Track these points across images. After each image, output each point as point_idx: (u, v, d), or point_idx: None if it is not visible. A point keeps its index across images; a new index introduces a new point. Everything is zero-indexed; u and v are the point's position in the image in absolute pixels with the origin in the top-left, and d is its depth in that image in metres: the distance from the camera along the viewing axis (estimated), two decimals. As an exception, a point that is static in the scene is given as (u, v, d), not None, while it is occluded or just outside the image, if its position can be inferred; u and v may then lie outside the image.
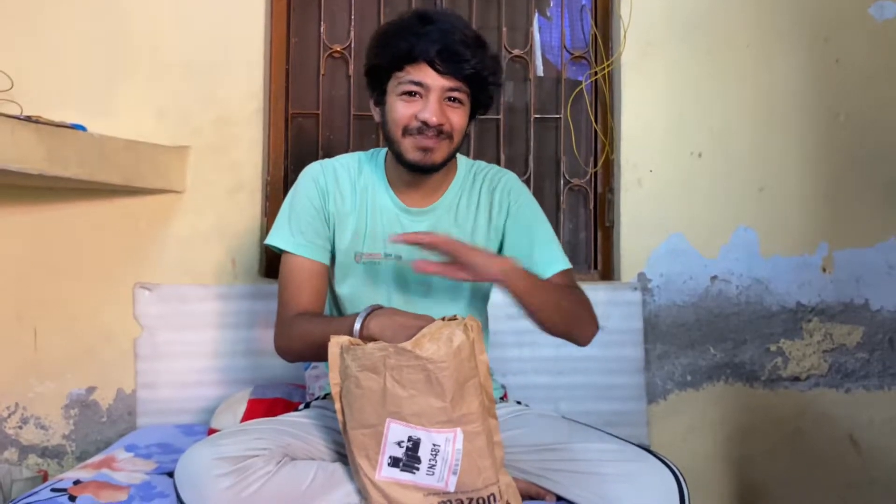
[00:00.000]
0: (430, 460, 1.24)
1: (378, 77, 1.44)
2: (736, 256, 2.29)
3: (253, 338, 2.15)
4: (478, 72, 1.39)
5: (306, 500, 1.27)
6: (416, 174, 1.47)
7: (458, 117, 1.41)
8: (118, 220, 2.19)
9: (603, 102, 2.37)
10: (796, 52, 2.32)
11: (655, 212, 2.28)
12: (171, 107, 2.20)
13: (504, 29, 2.38)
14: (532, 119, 2.38)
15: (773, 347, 2.30)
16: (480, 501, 1.26)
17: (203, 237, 2.20)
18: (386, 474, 1.25)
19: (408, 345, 1.21)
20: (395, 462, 1.25)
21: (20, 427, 2.19)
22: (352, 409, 1.26)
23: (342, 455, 1.43)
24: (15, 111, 2.00)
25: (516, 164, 2.38)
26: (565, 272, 1.55)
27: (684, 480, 1.32)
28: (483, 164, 1.65)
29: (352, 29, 2.36)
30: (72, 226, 2.19)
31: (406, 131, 1.41)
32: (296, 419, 1.46)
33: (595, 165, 2.38)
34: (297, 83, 2.37)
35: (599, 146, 2.38)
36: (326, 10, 2.36)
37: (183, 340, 2.15)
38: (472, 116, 1.48)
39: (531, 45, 2.40)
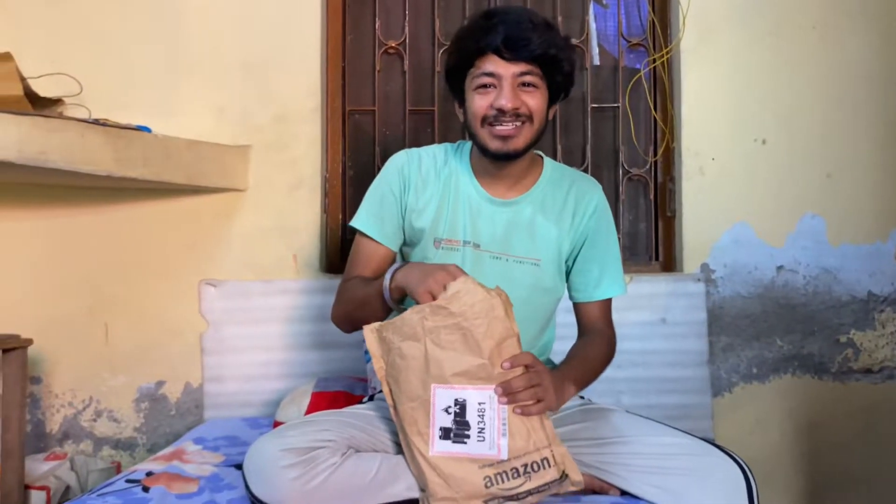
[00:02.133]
0: (478, 423, 1.24)
1: (456, 79, 1.49)
2: (803, 245, 2.23)
3: (315, 331, 2.18)
4: (545, 51, 1.39)
5: (371, 492, 1.29)
6: (500, 164, 1.49)
7: (534, 100, 1.42)
8: (183, 218, 2.25)
9: (662, 90, 2.33)
10: (865, 32, 2.24)
11: (718, 201, 2.23)
12: (231, 106, 2.25)
13: (559, 18, 2.35)
14: (589, 109, 2.35)
15: (842, 339, 2.23)
16: (535, 466, 1.25)
17: (265, 234, 2.24)
18: (439, 449, 1.25)
19: (442, 301, 1.24)
20: (446, 434, 1.25)
21: (94, 420, 2.27)
22: (399, 384, 1.29)
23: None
24: (84, 115, 2.08)
25: (573, 155, 2.36)
26: (609, 300, 1.61)
27: (752, 474, 1.30)
28: (568, 167, 1.65)
29: (406, 25, 2.36)
30: (139, 224, 2.26)
31: (484, 121, 1.43)
32: (360, 411, 1.48)
33: (655, 154, 2.34)
34: (354, 80, 2.39)
35: (659, 135, 2.34)
36: (381, 6, 2.37)
37: (247, 335, 2.19)
38: (553, 100, 1.48)
39: (587, 34, 2.37)
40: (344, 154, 2.37)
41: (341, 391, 1.96)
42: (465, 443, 1.25)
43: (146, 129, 2.02)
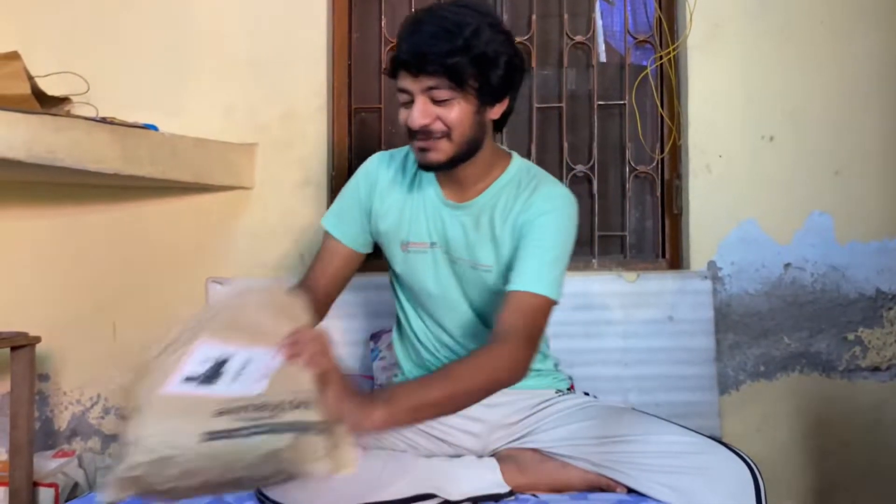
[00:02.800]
0: (237, 374, 1.00)
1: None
2: (811, 243, 2.22)
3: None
4: (447, 63, 1.30)
5: (377, 489, 1.29)
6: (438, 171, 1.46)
7: (452, 113, 1.35)
8: (190, 216, 2.26)
9: (669, 87, 2.32)
10: (875, 28, 2.22)
11: (726, 198, 2.22)
12: (238, 104, 2.25)
13: (565, 15, 2.35)
14: (595, 106, 2.35)
15: (850, 336, 2.22)
16: (291, 405, 0.97)
17: (272, 232, 2.24)
18: (172, 389, 0.98)
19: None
20: (189, 379, 0.99)
21: (102, 417, 2.28)
22: (165, 345, 1.07)
23: (411, 445, 1.44)
24: (91, 113, 2.08)
25: (580, 153, 2.35)
26: (527, 297, 1.36)
27: (759, 472, 1.29)
28: (540, 170, 1.54)
29: (413, 21, 2.36)
30: (146, 223, 2.27)
31: (409, 135, 1.41)
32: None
33: (662, 152, 2.34)
34: (360, 78, 2.39)
35: (666, 132, 2.33)
36: (387, 4, 2.37)
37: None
38: (489, 101, 1.39)
39: (593, 31, 2.36)
40: (350, 152, 2.37)
41: (348, 389, 1.96)
42: (212, 385, 0.98)
43: (153, 128, 2.02)
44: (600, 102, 2.35)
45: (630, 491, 1.38)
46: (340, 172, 2.33)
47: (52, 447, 2.27)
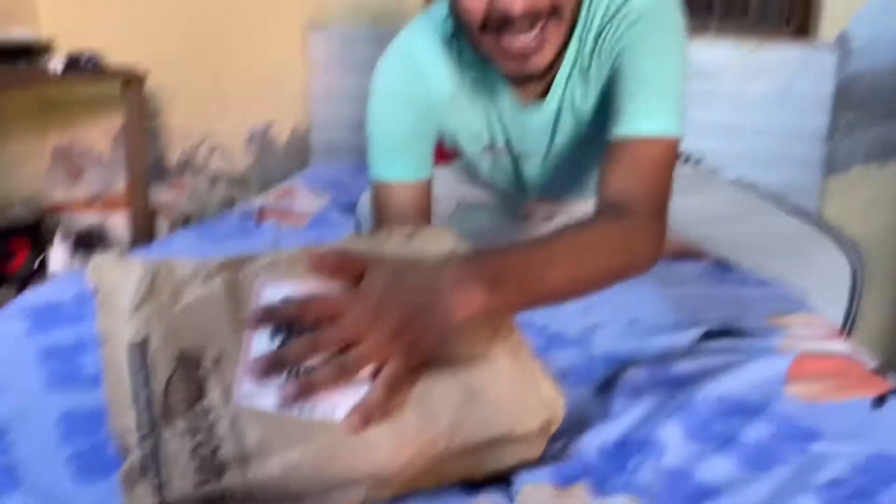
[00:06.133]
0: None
1: None
2: (962, 15, 1.98)
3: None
4: None
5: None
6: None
7: None
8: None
9: None
10: None
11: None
12: None
13: None
14: None
15: (981, 121, 2.05)
16: None
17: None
18: (245, 399, 0.61)
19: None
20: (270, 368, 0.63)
21: (209, 157, 2.39)
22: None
23: None
24: None
25: None
26: (641, 146, 0.92)
27: (859, 263, 1.26)
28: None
29: None
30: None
31: (486, 28, 0.92)
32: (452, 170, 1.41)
33: None
34: None
35: None
36: None
37: (353, 83, 2.18)
38: None
39: None
40: None
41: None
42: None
43: None
44: None
45: (718, 263, 1.38)
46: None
47: (163, 181, 2.41)
